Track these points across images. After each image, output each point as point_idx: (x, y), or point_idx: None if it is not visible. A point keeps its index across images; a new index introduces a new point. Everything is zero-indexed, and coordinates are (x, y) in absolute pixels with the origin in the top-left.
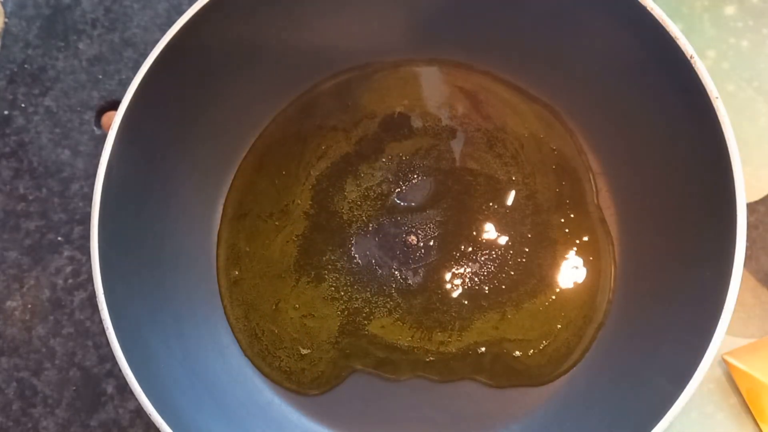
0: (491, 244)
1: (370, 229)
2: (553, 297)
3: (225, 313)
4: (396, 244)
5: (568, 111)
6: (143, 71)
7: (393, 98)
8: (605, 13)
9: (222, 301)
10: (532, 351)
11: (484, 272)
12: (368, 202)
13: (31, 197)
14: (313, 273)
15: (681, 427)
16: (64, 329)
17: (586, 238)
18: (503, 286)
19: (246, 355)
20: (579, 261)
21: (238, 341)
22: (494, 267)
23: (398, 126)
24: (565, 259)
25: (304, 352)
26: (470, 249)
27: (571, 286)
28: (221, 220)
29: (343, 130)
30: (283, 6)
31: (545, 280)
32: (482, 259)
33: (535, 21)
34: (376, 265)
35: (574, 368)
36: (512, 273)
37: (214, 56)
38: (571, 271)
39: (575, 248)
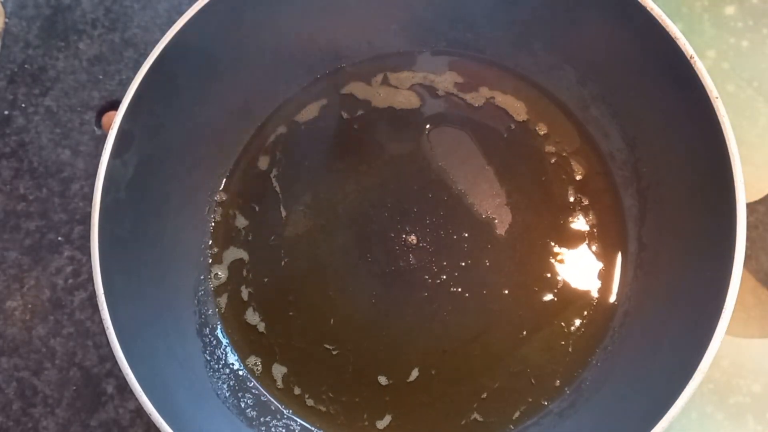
0: (494, 244)
1: (371, 229)
2: (556, 299)
3: (223, 313)
4: (396, 244)
5: (568, 109)
6: (143, 71)
7: (394, 96)
8: (605, 12)
9: (220, 301)
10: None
11: (486, 272)
12: (369, 202)
13: (31, 197)
14: (312, 273)
15: (681, 427)
16: (64, 329)
17: (590, 239)
18: (506, 287)
19: (243, 355)
20: (583, 263)
21: (236, 341)
22: (497, 267)
23: (400, 124)
24: (571, 261)
25: (302, 350)
26: (472, 249)
27: (575, 287)
28: (221, 220)
29: (343, 128)
30: (283, 5)
31: (551, 281)
32: (485, 258)
33: (536, 19)
34: (376, 265)
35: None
36: (516, 273)
37: (213, 56)
38: (574, 272)
39: (580, 248)
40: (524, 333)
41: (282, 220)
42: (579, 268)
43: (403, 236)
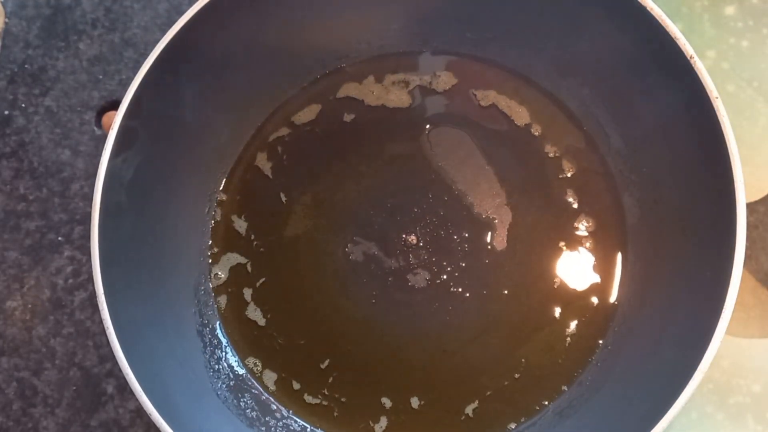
0: (494, 244)
1: (371, 229)
2: (556, 299)
3: (223, 313)
4: (396, 244)
5: (568, 109)
6: (143, 71)
7: (393, 96)
8: (605, 12)
9: (220, 300)
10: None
11: (486, 272)
12: (369, 202)
13: (31, 197)
14: (312, 273)
15: (681, 427)
16: (64, 329)
17: (590, 239)
18: (506, 287)
19: (243, 355)
20: (584, 263)
21: (236, 341)
22: (497, 267)
23: (399, 124)
24: (571, 261)
25: (302, 350)
26: (472, 249)
27: (575, 287)
28: (221, 220)
29: (343, 128)
30: (283, 5)
31: (551, 281)
32: (485, 258)
33: (536, 19)
34: (376, 265)
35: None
36: (515, 273)
37: (213, 56)
38: (574, 272)
39: (580, 248)
40: (524, 333)
41: (282, 221)
42: (579, 268)
43: (403, 236)
